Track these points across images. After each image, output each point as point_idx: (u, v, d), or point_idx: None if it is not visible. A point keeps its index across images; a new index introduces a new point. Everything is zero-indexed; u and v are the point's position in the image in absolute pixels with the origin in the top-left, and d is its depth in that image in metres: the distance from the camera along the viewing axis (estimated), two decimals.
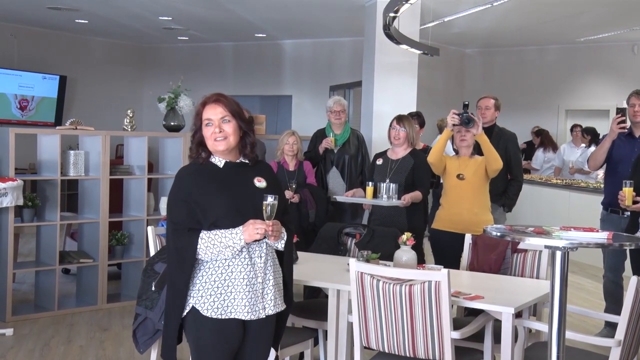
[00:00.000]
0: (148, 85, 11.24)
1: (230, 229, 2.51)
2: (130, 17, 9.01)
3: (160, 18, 9.02)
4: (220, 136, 2.58)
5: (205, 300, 2.54)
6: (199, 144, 2.63)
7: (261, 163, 2.77)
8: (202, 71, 10.96)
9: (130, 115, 5.74)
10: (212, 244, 2.51)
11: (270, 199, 2.51)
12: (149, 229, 3.82)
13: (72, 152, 5.42)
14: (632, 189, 3.91)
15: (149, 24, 9.48)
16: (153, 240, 3.76)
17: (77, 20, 9.39)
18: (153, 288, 3.17)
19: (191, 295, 2.56)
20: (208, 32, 10.18)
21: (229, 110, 2.60)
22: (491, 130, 5.17)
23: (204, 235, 2.51)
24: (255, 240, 2.54)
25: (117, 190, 5.75)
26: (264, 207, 2.51)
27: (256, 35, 10.38)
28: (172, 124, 5.92)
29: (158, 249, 3.66)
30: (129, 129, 5.72)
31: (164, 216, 4.86)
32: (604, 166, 4.93)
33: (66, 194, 7.91)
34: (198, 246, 2.50)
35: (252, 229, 2.49)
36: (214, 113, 2.60)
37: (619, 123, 4.52)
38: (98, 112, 10.11)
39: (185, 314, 2.57)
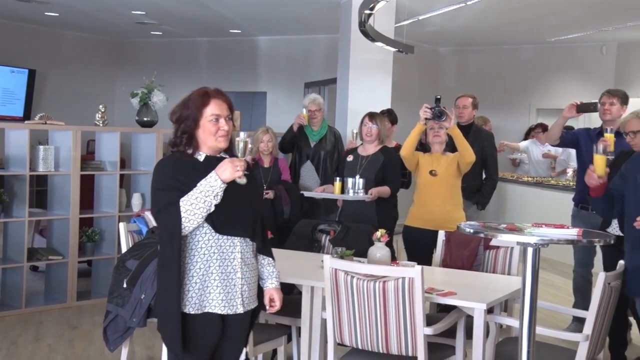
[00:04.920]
0: (121, 80, 11.10)
1: (202, 180, 2.48)
2: (102, 10, 8.89)
3: (134, 12, 8.91)
4: (225, 133, 2.57)
5: (184, 296, 2.53)
6: (190, 137, 2.58)
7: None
8: (176, 67, 10.87)
9: (102, 110, 5.66)
10: (194, 199, 2.45)
11: (242, 135, 2.53)
12: (121, 225, 3.77)
13: (41, 147, 5.33)
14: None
15: (121, 18, 9.36)
16: (125, 237, 3.72)
17: (47, 13, 9.23)
18: (125, 285, 3.14)
19: None
20: (182, 27, 10.09)
21: (231, 107, 2.61)
22: (469, 129, 5.21)
23: (182, 199, 2.46)
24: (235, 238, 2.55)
25: (88, 186, 5.68)
26: (239, 142, 2.52)
27: (231, 31, 10.32)
28: (145, 119, 5.85)
29: (130, 246, 3.62)
30: (101, 124, 5.65)
31: (136, 212, 4.81)
32: (576, 165, 5.00)
33: (35, 190, 7.78)
34: (182, 211, 2.44)
35: (232, 166, 2.46)
36: (222, 109, 2.58)
37: (580, 110, 4.57)
38: (69, 107, 9.95)
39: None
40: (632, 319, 4.30)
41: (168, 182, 2.52)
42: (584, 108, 4.56)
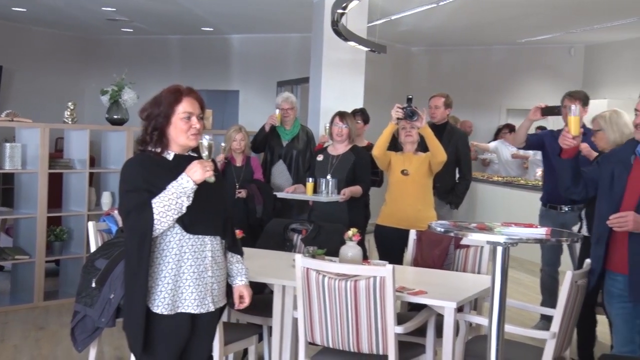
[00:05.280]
0: (91, 77, 10.93)
1: (173, 182, 2.49)
2: (71, 6, 8.75)
3: (104, 9, 8.78)
4: (196, 132, 2.57)
5: (156, 297, 2.53)
6: (161, 134, 2.57)
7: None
8: (147, 64, 10.75)
9: (72, 107, 5.58)
10: (167, 200, 2.46)
11: (206, 139, 2.55)
12: (90, 224, 3.72)
13: (7, 144, 5.24)
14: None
15: (91, 14, 9.22)
16: (94, 236, 3.67)
17: (14, 8, 9.05)
18: (93, 285, 3.09)
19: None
20: (153, 24, 9.99)
21: (202, 106, 2.62)
22: (443, 129, 5.24)
23: (154, 201, 2.46)
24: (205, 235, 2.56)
25: (56, 184, 5.59)
26: (204, 146, 2.54)
27: (203, 29, 10.24)
28: (115, 117, 5.78)
29: (99, 245, 3.57)
30: (70, 122, 5.56)
31: (106, 211, 4.75)
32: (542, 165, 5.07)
33: (1, 188, 7.65)
34: (154, 213, 2.44)
35: (202, 167, 2.49)
36: (194, 108, 2.58)
37: (545, 113, 4.64)
38: (37, 104, 9.76)
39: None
40: (598, 317, 4.37)
41: (137, 184, 2.51)
42: (548, 111, 4.65)
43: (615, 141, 3.84)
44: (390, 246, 4.49)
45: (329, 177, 4.76)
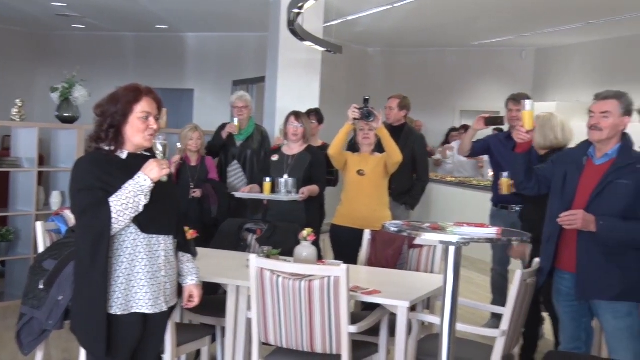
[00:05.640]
0: (41, 74, 10.66)
1: (130, 180, 2.48)
2: (20, 0, 8.52)
3: (54, 4, 8.57)
4: (153, 132, 2.57)
5: (109, 297, 2.51)
6: (117, 132, 2.54)
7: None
8: (100, 62, 10.54)
9: (19, 105, 5.44)
10: (125, 199, 2.45)
11: (160, 138, 2.58)
12: (38, 224, 3.62)
13: None
14: (508, 179, 4.22)
15: (41, 9, 8.99)
16: (42, 237, 3.57)
17: None
18: (41, 286, 3.01)
19: None
20: (106, 21, 9.79)
21: (160, 107, 2.61)
22: (400, 130, 5.27)
23: (111, 199, 2.46)
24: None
25: (2, 183, 5.43)
26: (158, 149, 2.57)
27: (158, 26, 10.10)
28: (65, 115, 5.65)
29: (48, 246, 3.48)
30: (18, 119, 5.41)
31: (55, 211, 4.63)
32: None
33: None
34: (112, 212, 2.43)
35: (158, 165, 2.50)
36: (152, 108, 2.58)
37: (488, 123, 4.80)
38: None
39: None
40: (545, 315, 4.47)
41: (91, 182, 2.48)
42: (491, 121, 4.82)
43: (539, 144, 3.94)
44: (346, 246, 4.50)
45: (286, 176, 4.74)
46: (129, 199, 2.45)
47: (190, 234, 3.57)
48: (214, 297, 4.09)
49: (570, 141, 3.96)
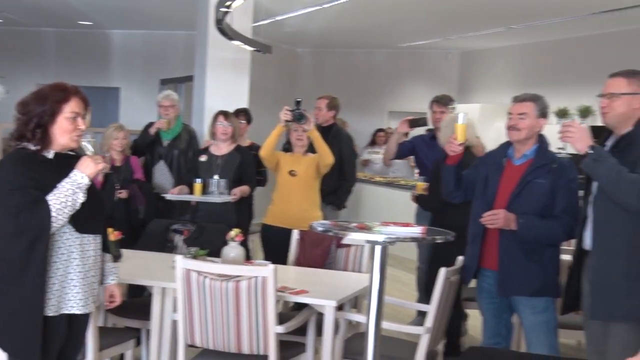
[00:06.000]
0: None
1: (66, 178, 2.45)
2: None
3: None
4: (80, 133, 2.53)
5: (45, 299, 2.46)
6: (44, 132, 2.48)
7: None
8: (18, 58, 10.15)
9: None
10: (63, 197, 2.41)
11: (88, 137, 2.57)
12: None
13: None
14: (423, 184, 4.49)
15: None
16: None
17: None
18: None
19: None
20: (25, 15, 9.42)
21: (87, 107, 2.57)
22: (329, 131, 5.29)
23: (49, 198, 2.40)
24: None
25: None
26: (89, 149, 2.54)
27: (80, 22, 9.80)
28: None
29: None
30: None
31: None
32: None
33: None
34: (51, 210, 2.38)
35: (92, 162, 2.49)
36: (81, 108, 2.53)
37: (412, 125, 5.06)
38: None
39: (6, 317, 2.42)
40: (468, 311, 4.60)
41: (23, 182, 2.41)
42: (415, 123, 4.94)
43: (444, 143, 4.06)
44: (277, 246, 4.49)
45: (217, 177, 4.68)
46: (67, 197, 2.42)
47: (115, 235, 3.49)
48: (139, 299, 4.01)
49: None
